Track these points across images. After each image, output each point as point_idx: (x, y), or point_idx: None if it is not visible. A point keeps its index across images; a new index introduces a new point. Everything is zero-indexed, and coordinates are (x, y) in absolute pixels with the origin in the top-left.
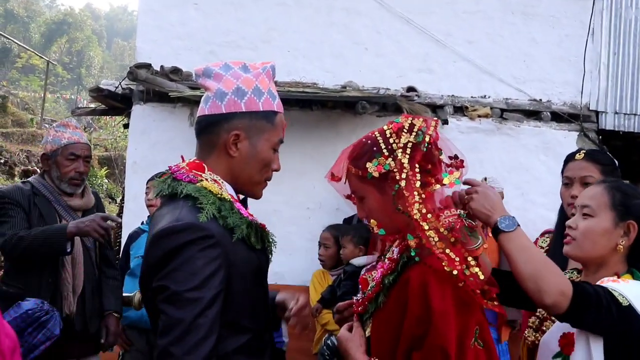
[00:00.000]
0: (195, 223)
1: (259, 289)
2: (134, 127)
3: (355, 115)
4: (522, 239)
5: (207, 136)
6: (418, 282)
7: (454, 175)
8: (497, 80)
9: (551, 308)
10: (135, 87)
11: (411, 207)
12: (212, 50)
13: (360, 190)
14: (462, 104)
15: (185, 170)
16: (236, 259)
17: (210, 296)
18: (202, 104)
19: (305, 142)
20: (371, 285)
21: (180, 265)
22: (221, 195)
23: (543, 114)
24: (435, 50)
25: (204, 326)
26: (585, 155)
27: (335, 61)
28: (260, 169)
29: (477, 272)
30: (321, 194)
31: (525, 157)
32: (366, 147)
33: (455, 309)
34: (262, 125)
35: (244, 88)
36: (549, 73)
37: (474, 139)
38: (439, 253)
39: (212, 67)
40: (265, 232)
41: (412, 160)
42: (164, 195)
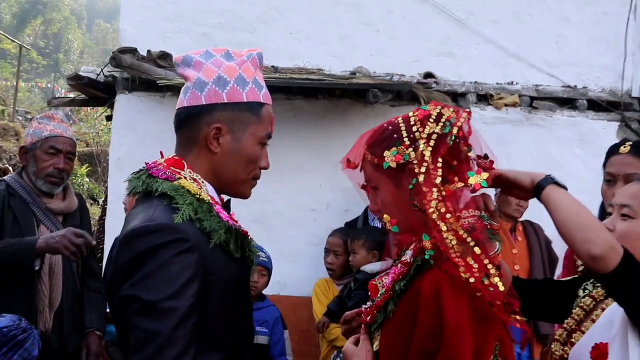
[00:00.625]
0: (170, 224)
1: (238, 302)
2: (118, 119)
3: (366, 105)
4: (574, 197)
5: (186, 130)
6: (431, 290)
7: (482, 176)
8: (526, 65)
9: (599, 260)
10: (119, 75)
11: (428, 205)
12: (205, 32)
13: (374, 180)
14: (487, 92)
15: (163, 167)
16: (214, 267)
17: (187, 306)
18: (181, 95)
19: (310, 135)
20: (381, 292)
21: (153, 270)
22: (200, 195)
23: (578, 102)
24: (455, 32)
25: (182, 339)
26: (631, 148)
27: (343, 44)
28: (244, 166)
29: (497, 283)
30: (328, 193)
31: (559, 151)
32: (386, 133)
33: (472, 322)
34: (247, 118)
35: (226, 77)
36: (585, 56)
37: (500, 130)
38: (456, 258)
39: (192, 55)
40: (246, 239)
41: (435, 154)
42: (137, 193)
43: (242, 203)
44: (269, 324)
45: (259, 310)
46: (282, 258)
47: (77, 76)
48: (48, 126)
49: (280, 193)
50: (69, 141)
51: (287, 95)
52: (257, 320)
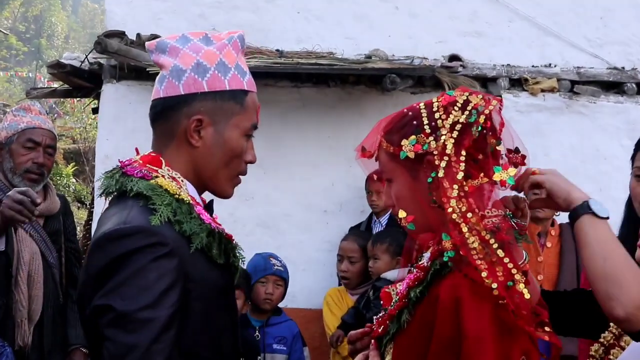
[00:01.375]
0: (147, 227)
1: (222, 313)
2: (105, 111)
3: (383, 93)
4: (611, 232)
5: (163, 123)
6: (449, 297)
7: (509, 172)
8: (565, 44)
9: (622, 323)
10: (106, 61)
11: (448, 203)
12: (201, 13)
13: (389, 171)
14: (521, 76)
15: (138, 165)
16: (195, 274)
17: (166, 316)
18: (156, 85)
19: (321, 127)
20: (394, 300)
21: (128, 278)
22: (179, 195)
23: (626, 85)
24: (484, 8)
25: (161, 353)
26: None
27: (358, 24)
28: (228, 160)
29: (523, 290)
30: (342, 193)
31: (604, 143)
32: (405, 120)
33: (495, 334)
34: (230, 108)
35: (206, 63)
36: (634, 33)
37: (536, 119)
38: (478, 261)
39: (166, 40)
40: (231, 243)
41: (458, 145)
42: (110, 193)
43: (246, 205)
44: (287, 340)
45: (276, 326)
46: (291, 266)
47: (58, 64)
48: (25, 118)
49: (288, 193)
50: (48, 134)
51: (294, 83)
52: (275, 336)
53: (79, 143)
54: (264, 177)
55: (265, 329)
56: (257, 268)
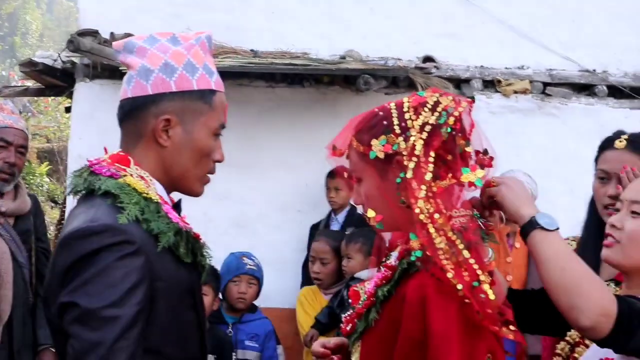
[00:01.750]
0: (114, 225)
1: (189, 312)
2: (78, 110)
3: (358, 93)
4: (563, 243)
5: (132, 123)
6: (416, 296)
7: (476, 174)
8: (538, 47)
9: (589, 331)
10: (79, 60)
11: (415, 203)
12: (176, 12)
13: (358, 170)
14: (494, 77)
15: (107, 164)
16: (162, 272)
17: (131, 314)
18: (124, 85)
19: (295, 127)
20: (363, 298)
21: (95, 275)
22: (147, 194)
23: (597, 88)
24: (458, 10)
25: (125, 350)
26: (628, 142)
27: (332, 25)
28: (197, 160)
29: (488, 290)
30: (316, 193)
31: (575, 144)
32: (376, 120)
33: (461, 332)
34: (198, 107)
35: (174, 63)
36: (605, 36)
37: (509, 120)
38: (444, 261)
39: (134, 41)
40: (198, 243)
41: (428, 146)
42: (78, 192)
43: (220, 205)
44: (260, 338)
45: (249, 323)
46: (265, 266)
47: (30, 62)
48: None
49: (262, 193)
50: (20, 133)
51: (268, 83)
52: (247, 333)
53: (52, 142)
54: (238, 177)
55: (238, 325)
56: (229, 268)
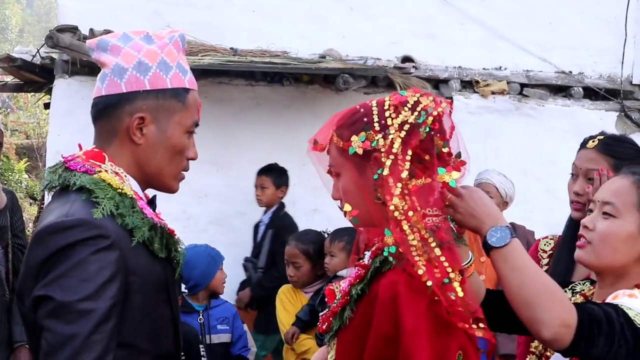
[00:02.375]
0: (89, 219)
1: (163, 307)
2: (57, 106)
3: (337, 92)
4: (518, 256)
5: (106, 121)
6: (388, 294)
7: (452, 175)
8: (515, 48)
9: (551, 343)
10: (58, 56)
11: (390, 200)
12: (156, 10)
13: (338, 165)
14: (472, 78)
15: (81, 160)
16: (136, 267)
17: (105, 307)
18: (97, 83)
19: (275, 125)
20: (338, 297)
21: (69, 269)
22: (122, 189)
23: (573, 89)
24: (437, 10)
25: (99, 344)
26: (599, 143)
27: (312, 24)
28: (171, 157)
29: (457, 288)
30: (295, 191)
31: (551, 145)
32: (357, 116)
33: (431, 329)
34: (172, 106)
35: (147, 62)
36: (581, 38)
37: (487, 121)
38: (416, 257)
39: (107, 39)
40: (172, 238)
41: (406, 145)
42: (53, 188)
43: (199, 202)
44: (229, 320)
45: (217, 308)
46: None
47: (8, 57)
48: None
49: (241, 191)
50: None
51: (248, 81)
52: (218, 317)
53: (32, 138)
54: (217, 174)
55: (209, 311)
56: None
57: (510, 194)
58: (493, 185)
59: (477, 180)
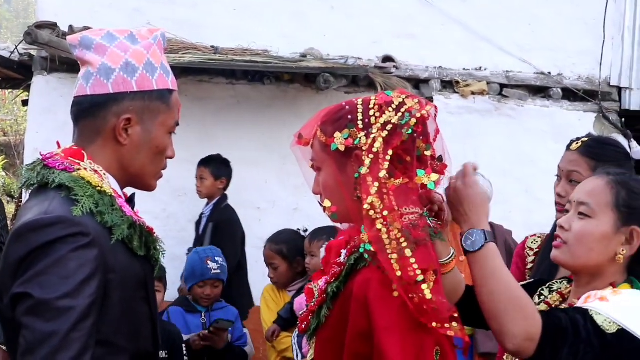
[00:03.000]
0: (68, 217)
1: (142, 305)
2: (35, 103)
3: (318, 92)
4: (489, 262)
5: (90, 121)
6: (362, 291)
7: (431, 177)
8: (495, 49)
9: (514, 354)
10: (37, 53)
11: (365, 199)
12: (137, 7)
13: (319, 160)
14: (452, 78)
15: (60, 158)
16: (115, 265)
17: (85, 305)
18: (81, 81)
19: (255, 124)
20: (316, 296)
21: (49, 267)
22: (101, 187)
23: (552, 90)
24: (418, 11)
25: (78, 341)
26: (582, 145)
27: (293, 23)
28: (153, 157)
29: (425, 291)
30: (275, 190)
31: (531, 145)
32: (342, 113)
33: (406, 326)
34: (157, 107)
35: (135, 63)
36: (561, 39)
37: (466, 121)
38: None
39: (91, 37)
40: (151, 236)
41: (387, 145)
42: (32, 185)
43: (179, 201)
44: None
45: (219, 310)
46: None
47: None
48: None
49: None
50: None
51: (229, 80)
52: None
53: (9, 136)
54: None
55: (211, 313)
56: (194, 272)
57: (488, 193)
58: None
59: None
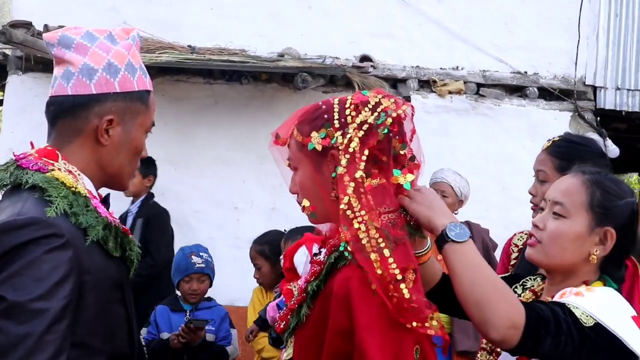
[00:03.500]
0: (42, 218)
1: (117, 306)
2: (10, 103)
3: (295, 91)
4: (473, 254)
5: (70, 120)
6: (343, 289)
7: (407, 177)
8: (472, 48)
9: (498, 343)
10: (11, 52)
11: (342, 199)
12: (113, 6)
13: (296, 160)
14: (429, 78)
15: (34, 158)
16: (90, 266)
17: (59, 307)
18: (60, 81)
19: (233, 124)
20: (295, 295)
21: (22, 269)
22: (76, 188)
23: (529, 89)
24: (395, 10)
25: (53, 343)
26: (551, 145)
27: (271, 22)
28: (132, 157)
29: (404, 290)
30: (253, 190)
31: (507, 144)
32: (318, 113)
33: (386, 324)
34: (137, 108)
35: (117, 64)
36: (537, 39)
37: (444, 120)
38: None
39: (71, 36)
40: (127, 237)
41: (363, 144)
42: (4, 186)
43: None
44: (215, 322)
45: (204, 310)
46: None
47: None
48: None
49: (198, 190)
50: None
51: (206, 79)
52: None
53: None
54: (174, 173)
55: (195, 312)
56: (179, 267)
57: (465, 192)
58: (448, 184)
59: (432, 180)
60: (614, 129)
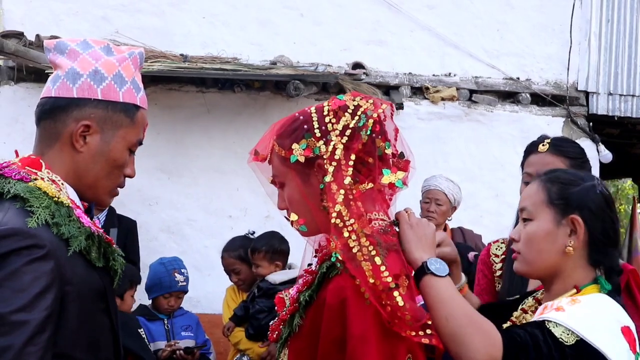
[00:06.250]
0: (23, 228)
1: (101, 317)
2: (3, 114)
3: (288, 99)
4: (449, 289)
5: (50, 122)
6: (336, 299)
7: (397, 175)
8: (464, 55)
9: None
10: (3, 62)
11: (332, 208)
12: (104, 15)
13: (281, 175)
14: (422, 84)
15: (17, 167)
16: (73, 277)
17: (40, 318)
18: (48, 84)
19: (226, 132)
20: (287, 305)
21: (3, 280)
22: (58, 198)
23: (521, 95)
24: (387, 17)
25: (34, 355)
26: (550, 146)
27: (263, 30)
28: (109, 171)
29: (397, 298)
30: (246, 198)
31: (500, 150)
32: (297, 124)
33: (379, 333)
34: (120, 119)
35: (104, 72)
36: (528, 45)
37: (437, 127)
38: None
39: (66, 42)
40: (110, 247)
41: (348, 150)
42: None
43: (150, 210)
44: (192, 328)
45: (180, 317)
46: (196, 271)
47: None
48: None
49: (192, 198)
50: None
51: (199, 88)
52: (181, 325)
53: None
54: (168, 182)
55: (172, 320)
56: (162, 283)
57: (458, 198)
58: (442, 192)
59: (425, 187)
60: (607, 134)
